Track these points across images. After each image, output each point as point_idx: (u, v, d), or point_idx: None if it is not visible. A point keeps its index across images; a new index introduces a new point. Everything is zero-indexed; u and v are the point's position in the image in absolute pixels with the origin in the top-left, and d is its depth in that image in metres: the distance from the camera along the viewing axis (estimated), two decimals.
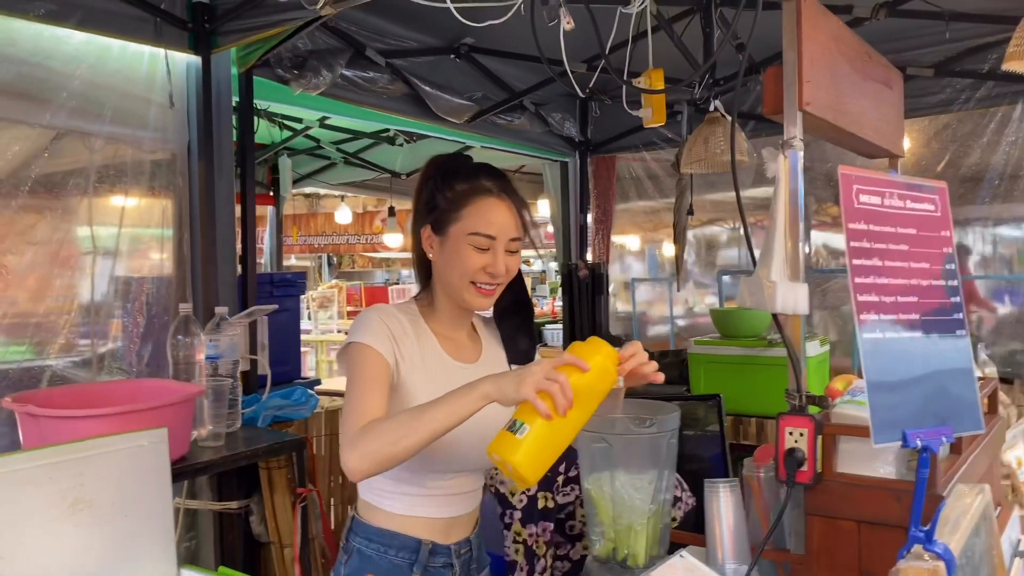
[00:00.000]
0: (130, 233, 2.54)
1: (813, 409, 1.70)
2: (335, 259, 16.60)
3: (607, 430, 1.40)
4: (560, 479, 2.39)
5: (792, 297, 1.67)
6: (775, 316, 1.72)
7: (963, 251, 4.05)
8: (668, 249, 7.30)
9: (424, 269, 1.69)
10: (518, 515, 2.35)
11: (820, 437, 1.64)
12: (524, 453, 1.19)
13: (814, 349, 3.56)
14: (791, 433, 1.65)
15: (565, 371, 1.24)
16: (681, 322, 5.54)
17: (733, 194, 5.41)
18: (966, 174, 3.71)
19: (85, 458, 1.83)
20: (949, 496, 1.62)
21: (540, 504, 2.33)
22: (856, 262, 1.27)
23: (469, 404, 1.31)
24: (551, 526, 2.38)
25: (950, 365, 1.46)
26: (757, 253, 1.73)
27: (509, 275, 1.60)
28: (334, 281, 13.17)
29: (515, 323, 1.76)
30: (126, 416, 2.00)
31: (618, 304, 5.49)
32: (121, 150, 2.51)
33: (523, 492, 2.30)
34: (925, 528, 1.10)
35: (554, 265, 14.35)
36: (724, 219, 6.16)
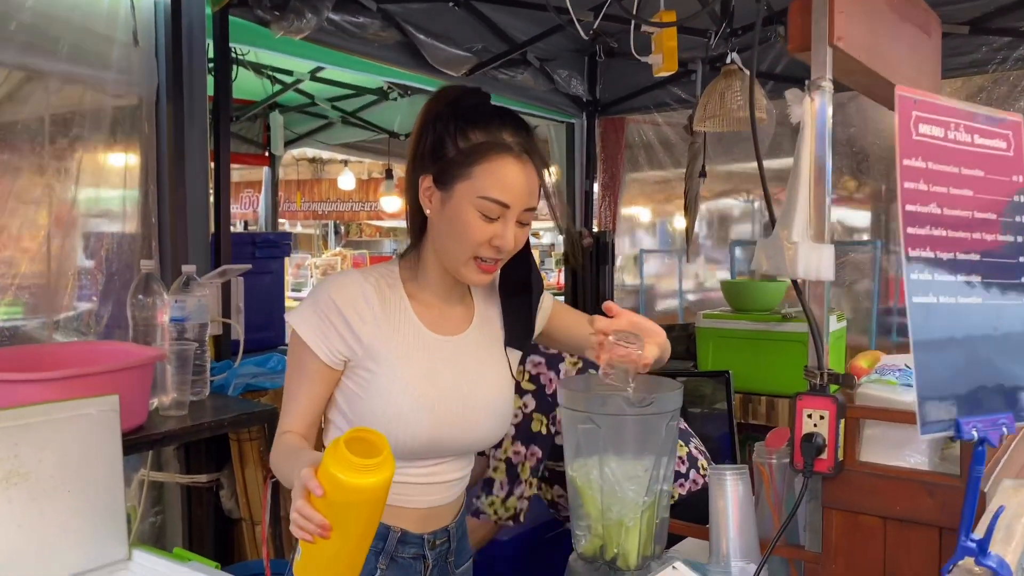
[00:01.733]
0: (90, 183, 2.33)
1: (833, 389, 1.50)
2: (343, 227, 16.42)
3: (596, 408, 1.19)
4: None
5: (815, 260, 1.45)
6: (795, 283, 1.51)
7: None
8: (680, 222, 7.06)
9: (418, 222, 1.43)
10: (509, 430, 2.12)
11: (843, 421, 1.43)
12: (301, 574, 1.16)
13: (832, 324, 3.34)
14: (810, 416, 1.45)
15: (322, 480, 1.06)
16: (691, 296, 5.35)
17: (748, 164, 5.17)
18: None
19: (21, 427, 1.65)
20: (991, 493, 1.41)
21: (534, 426, 2.12)
22: (909, 208, 1.05)
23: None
24: (540, 453, 2.16)
25: (1017, 334, 1.22)
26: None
27: (516, 249, 1.37)
28: (338, 249, 13.00)
29: (518, 303, 1.53)
30: (72, 381, 1.82)
31: (625, 277, 5.28)
32: (81, 93, 2.30)
33: (518, 408, 2.08)
34: (978, 538, 0.89)
35: (562, 237, 14.16)
36: (738, 191, 5.92)
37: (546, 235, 14.23)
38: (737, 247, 4.90)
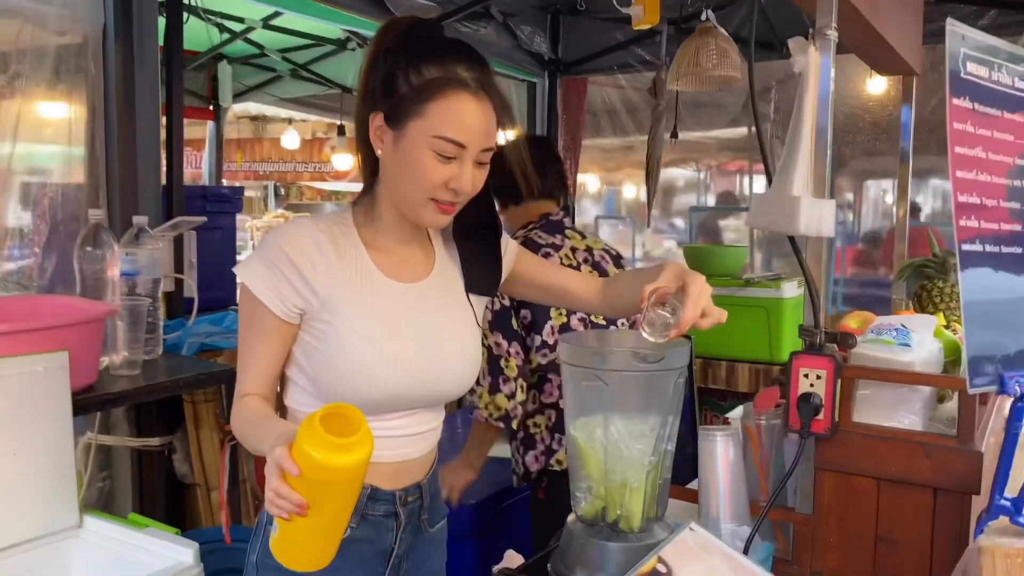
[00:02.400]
0: (30, 126, 2.16)
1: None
2: (282, 189, 16.00)
3: (601, 364, 1.13)
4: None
5: (817, 216, 1.41)
6: (792, 240, 1.47)
7: None
8: (630, 191, 7.04)
9: (369, 163, 1.36)
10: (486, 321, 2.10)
11: (839, 381, 1.40)
12: (279, 551, 1.13)
13: (792, 290, 3.36)
14: (806, 375, 1.41)
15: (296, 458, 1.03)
16: (643, 265, 5.36)
17: (697, 134, 5.10)
18: None
19: None
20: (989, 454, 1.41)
21: (515, 324, 2.17)
22: (958, 150, 1.00)
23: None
24: (519, 346, 2.14)
25: None
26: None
27: (474, 191, 1.30)
28: (280, 211, 12.69)
29: (479, 248, 1.46)
30: (16, 336, 1.69)
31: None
32: (18, 27, 2.12)
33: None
34: (1012, 497, 0.86)
35: None
36: (686, 161, 5.92)
37: None
38: (695, 212, 4.90)
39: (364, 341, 1.28)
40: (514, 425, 2.16)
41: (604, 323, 2.26)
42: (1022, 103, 1.10)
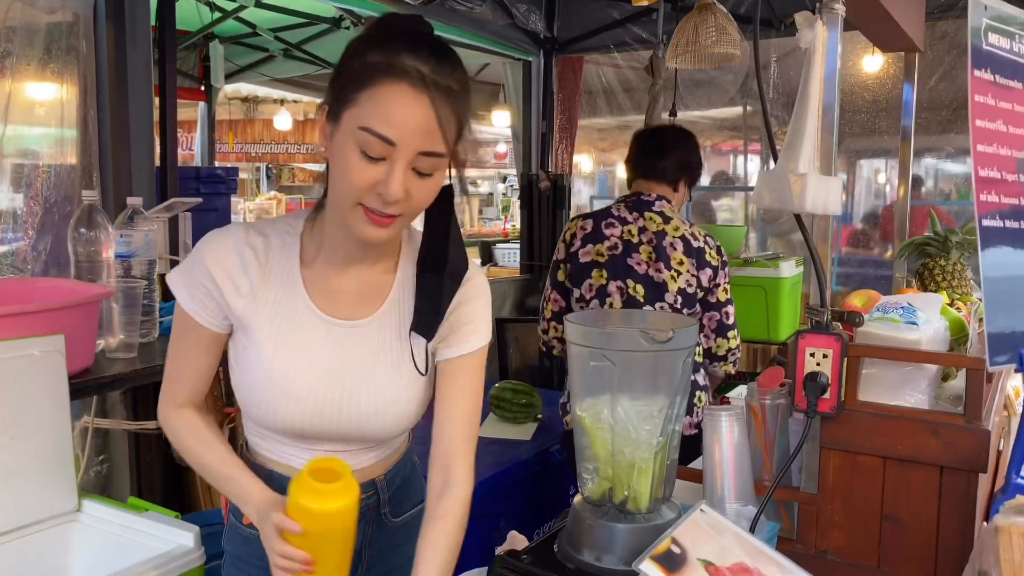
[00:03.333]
0: (21, 107, 2.12)
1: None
2: (275, 171, 15.89)
3: (608, 344, 1.12)
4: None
5: (824, 193, 1.40)
6: (798, 218, 1.45)
7: None
8: (623, 171, 7.02)
9: (327, 172, 1.19)
10: None
11: (845, 360, 1.39)
12: None
13: (789, 269, 3.36)
14: (812, 355, 1.40)
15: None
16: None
17: (697, 113, 5.05)
18: (963, 86, 3.47)
19: None
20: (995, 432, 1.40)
21: None
22: (979, 123, 0.98)
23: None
24: (558, 294, 2.43)
25: None
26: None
27: (413, 204, 1.11)
28: (273, 193, 12.60)
29: (430, 285, 1.23)
30: (13, 319, 1.66)
31: None
32: (7, 5, 2.07)
33: None
34: None
35: (502, 187, 13.98)
36: None
37: (485, 183, 14.03)
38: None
39: (268, 376, 1.19)
40: (555, 352, 2.53)
41: (640, 299, 2.28)
42: None
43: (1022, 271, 1.12)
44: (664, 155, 2.43)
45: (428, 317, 1.23)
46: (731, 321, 2.36)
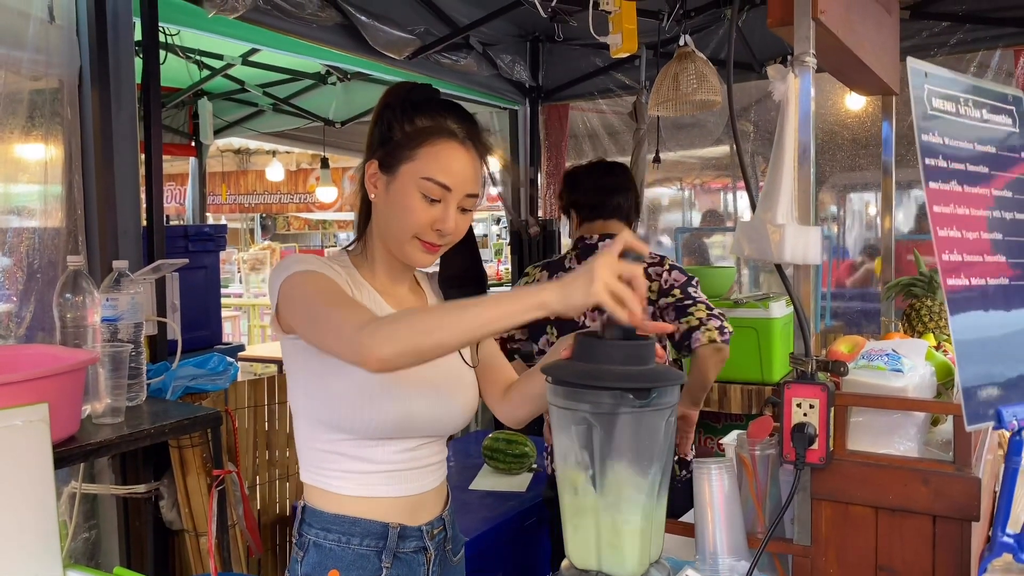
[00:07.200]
0: (4, 172, 2.13)
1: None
2: (269, 220, 15.96)
3: (585, 401, 1.09)
4: None
5: (802, 244, 1.40)
6: (779, 268, 1.45)
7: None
8: None
9: (365, 213, 1.46)
10: None
11: (832, 409, 1.38)
12: None
13: (780, 309, 3.35)
14: (799, 405, 1.39)
15: None
16: None
17: (681, 153, 5.11)
18: None
19: None
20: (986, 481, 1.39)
21: None
22: (933, 186, 0.99)
23: (522, 313, 1.11)
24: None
25: None
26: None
27: (457, 236, 1.40)
28: (266, 243, 12.64)
29: (460, 294, 1.51)
30: None
31: None
32: None
33: None
34: (1015, 533, 0.84)
35: (496, 228, 14.05)
36: (671, 180, 5.92)
37: (479, 225, 14.11)
38: (682, 233, 4.89)
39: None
40: None
41: None
42: (992, 135, 1.09)
43: (994, 331, 1.11)
44: (624, 192, 2.47)
45: None
46: (691, 300, 2.37)
